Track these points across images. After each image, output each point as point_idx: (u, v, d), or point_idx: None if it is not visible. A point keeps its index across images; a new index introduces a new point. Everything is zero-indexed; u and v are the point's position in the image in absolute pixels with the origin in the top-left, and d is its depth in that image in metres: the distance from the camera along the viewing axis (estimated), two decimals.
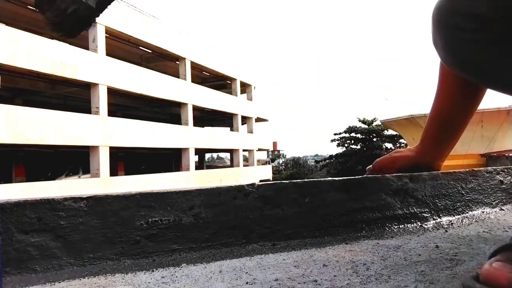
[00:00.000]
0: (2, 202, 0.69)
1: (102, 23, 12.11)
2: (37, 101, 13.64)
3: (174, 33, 15.90)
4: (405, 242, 0.83)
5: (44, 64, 10.18)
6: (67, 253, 0.72)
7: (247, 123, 22.84)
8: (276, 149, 43.91)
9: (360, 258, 0.73)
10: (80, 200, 0.74)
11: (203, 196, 0.81)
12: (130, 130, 12.99)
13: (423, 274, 0.62)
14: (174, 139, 15.35)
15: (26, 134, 9.63)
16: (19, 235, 0.69)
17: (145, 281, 0.66)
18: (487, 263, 0.49)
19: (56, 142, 10.56)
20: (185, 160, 16.32)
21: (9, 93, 13.26)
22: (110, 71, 12.36)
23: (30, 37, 9.93)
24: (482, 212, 1.05)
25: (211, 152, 32.63)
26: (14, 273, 0.68)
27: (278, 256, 0.77)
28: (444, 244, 0.80)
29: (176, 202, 0.79)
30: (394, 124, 19.37)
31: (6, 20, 10.85)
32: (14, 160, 14.45)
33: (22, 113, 9.67)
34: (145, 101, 16.82)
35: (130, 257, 0.75)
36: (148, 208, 0.78)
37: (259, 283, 0.63)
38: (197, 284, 0.64)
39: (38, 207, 0.71)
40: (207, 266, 0.73)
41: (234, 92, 20.98)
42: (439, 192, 1.00)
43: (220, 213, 0.82)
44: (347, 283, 0.60)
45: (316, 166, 34.90)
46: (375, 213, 0.91)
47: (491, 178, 1.11)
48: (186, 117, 16.41)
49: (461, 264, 0.67)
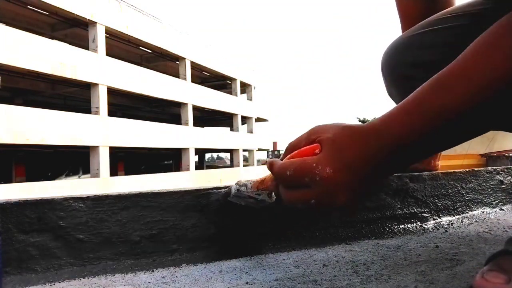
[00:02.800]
0: (2, 202, 0.69)
1: (102, 23, 12.11)
2: (37, 101, 13.64)
3: (174, 33, 15.90)
4: (405, 242, 0.83)
5: (44, 64, 10.18)
6: (67, 253, 0.72)
7: (247, 123, 22.84)
8: (276, 149, 43.92)
9: (360, 258, 0.73)
10: (80, 200, 0.74)
11: (203, 196, 0.81)
12: (130, 130, 12.98)
13: (423, 274, 0.62)
14: (174, 139, 15.35)
15: (26, 134, 9.63)
16: (19, 235, 0.69)
17: (145, 281, 0.66)
18: (479, 273, 0.48)
19: (56, 142, 10.56)
20: (185, 160, 16.32)
21: (9, 93, 13.25)
22: (110, 71, 12.36)
23: (30, 37, 9.92)
24: (482, 212, 1.05)
25: (211, 152, 32.64)
26: (14, 273, 0.68)
27: (278, 256, 0.77)
28: (444, 244, 0.80)
29: (176, 202, 0.79)
30: None
31: (6, 20, 10.86)
32: (14, 160, 14.45)
33: (22, 113, 9.67)
34: (145, 101, 16.82)
35: (130, 257, 0.75)
36: (148, 208, 0.78)
37: (259, 283, 0.63)
38: (197, 284, 0.64)
39: (38, 207, 0.71)
40: (207, 266, 0.73)
41: (234, 92, 20.98)
42: (439, 192, 1.00)
43: (220, 213, 0.82)
44: (347, 283, 0.60)
45: None
46: (375, 213, 0.91)
47: (491, 178, 1.11)
48: (186, 117, 16.41)
49: (461, 264, 0.67)
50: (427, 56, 0.69)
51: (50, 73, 10.51)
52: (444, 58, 0.66)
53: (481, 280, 0.47)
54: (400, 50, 0.74)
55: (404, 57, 0.73)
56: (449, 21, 0.68)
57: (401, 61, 0.74)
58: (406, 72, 0.72)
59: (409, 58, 0.72)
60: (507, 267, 0.48)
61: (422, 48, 0.70)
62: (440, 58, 0.67)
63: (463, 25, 0.66)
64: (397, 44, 0.76)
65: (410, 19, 0.81)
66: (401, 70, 0.73)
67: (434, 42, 0.68)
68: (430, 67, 0.68)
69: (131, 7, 13.81)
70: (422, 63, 0.69)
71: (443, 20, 0.69)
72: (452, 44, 0.66)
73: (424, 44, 0.70)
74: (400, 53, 0.74)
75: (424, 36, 0.70)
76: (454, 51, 0.66)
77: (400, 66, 0.74)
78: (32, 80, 12.39)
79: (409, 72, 0.72)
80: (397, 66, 0.74)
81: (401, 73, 0.74)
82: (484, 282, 0.47)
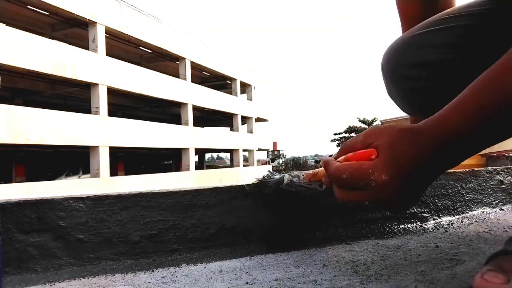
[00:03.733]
0: (2, 202, 0.69)
1: (102, 23, 12.12)
2: (37, 101, 13.64)
3: (174, 33, 15.90)
4: (405, 242, 0.83)
5: (44, 64, 10.18)
6: (67, 253, 0.72)
7: (247, 123, 22.84)
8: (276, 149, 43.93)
9: (360, 258, 0.73)
10: (80, 200, 0.74)
11: (203, 196, 0.81)
12: (130, 130, 12.98)
13: (423, 274, 0.62)
14: (174, 139, 15.35)
15: (26, 134, 9.63)
16: (19, 235, 0.69)
17: (145, 281, 0.66)
18: (478, 273, 0.48)
19: (56, 142, 10.56)
20: (185, 160, 16.32)
21: (9, 93, 13.25)
22: (110, 71, 12.36)
23: (30, 37, 9.92)
24: (482, 212, 1.05)
25: (211, 152, 32.63)
26: (14, 273, 0.68)
27: (278, 256, 0.77)
28: (444, 244, 0.80)
29: (176, 202, 0.79)
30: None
31: (6, 20, 10.86)
32: (14, 160, 14.45)
33: (22, 113, 9.67)
34: (145, 101, 16.82)
35: (130, 257, 0.75)
36: (148, 208, 0.78)
37: (259, 283, 0.63)
38: (197, 284, 0.64)
39: (38, 207, 0.71)
40: (207, 266, 0.73)
41: (234, 92, 20.97)
42: (439, 192, 1.00)
43: (220, 213, 0.82)
44: (347, 283, 0.60)
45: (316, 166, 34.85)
46: (375, 213, 0.91)
47: (491, 178, 1.11)
48: (186, 117, 16.41)
49: (461, 264, 0.67)
50: (427, 56, 0.69)
51: (50, 73, 10.51)
52: (445, 58, 0.67)
53: (480, 280, 0.47)
54: (400, 50, 0.75)
55: (404, 57, 0.73)
56: (449, 22, 0.68)
57: (401, 61, 0.74)
58: (406, 72, 0.72)
59: (409, 58, 0.72)
60: (507, 267, 0.48)
61: (423, 48, 0.70)
62: (441, 58, 0.67)
63: (464, 25, 0.66)
64: (397, 44, 0.76)
65: (411, 20, 0.82)
66: (401, 70, 0.73)
67: (435, 42, 0.68)
68: (430, 67, 0.69)
69: (131, 7, 13.81)
70: (423, 63, 0.69)
71: (444, 20, 0.69)
72: (453, 44, 0.66)
73: (425, 44, 0.70)
74: (400, 53, 0.74)
75: (425, 36, 0.70)
76: (455, 51, 0.66)
77: (401, 66, 0.74)
78: (32, 80, 12.39)
79: (409, 72, 0.72)
80: (398, 66, 0.74)
81: (401, 73, 0.74)
82: (483, 282, 0.46)
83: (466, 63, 0.65)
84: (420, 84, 0.70)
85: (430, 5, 0.81)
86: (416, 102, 0.75)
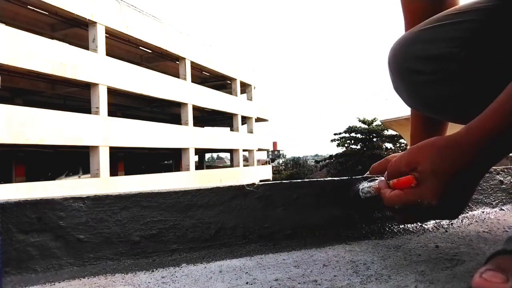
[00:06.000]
0: (2, 202, 0.69)
1: (102, 23, 12.12)
2: (37, 101, 13.64)
3: (174, 33, 15.91)
4: (405, 242, 0.83)
5: (44, 64, 10.18)
6: (67, 253, 0.72)
7: (247, 123, 22.85)
8: (276, 149, 43.93)
9: (360, 258, 0.73)
10: (80, 200, 0.74)
11: (203, 196, 0.81)
12: (130, 130, 12.99)
13: (423, 274, 0.62)
14: (174, 139, 15.36)
15: (26, 134, 9.63)
16: (19, 235, 0.69)
17: (145, 281, 0.66)
18: (477, 272, 0.48)
19: (56, 142, 10.56)
20: (185, 160, 16.32)
21: (9, 93, 13.26)
22: (110, 71, 12.36)
23: (30, 37, 9.93)
24: (482, 212, 1.05)
25: (211, 152, 32.64)
26: (14, 273, 0.68)
27: (278, 256, 0.77)
28: (444, 244, 0.80)
29: (176, 202, 0.79)
30: (394, 124, 19.32)
31: (6, 20, 10.86)
32: (14, 160, 14.45)
33: (22, 113, 9.67)
34: (145, 101, 16.82)
35: (130, 257, 0.75)
36: (148, 208, 0.78)
37: (259, 283, 0.63)
38: (197, 284, 0.64)
39: (38, 207, 0.71)
40: (207, 266, 0.73)
41: (234, 92, 20.98)
42: None
43: (220, 213, 0.82)
44: (347, 283, 0.60)
45: (316, 166, 34.87)
46: (375, 213, 0.91)
47: (491, 178, 1.11)
48: (186, 117, 16.42)
49: (461, 264, 0.67)
50: (435, 49, 0.69)
51: (50, 73, 10.51)
52: (452, 52, 0.67)
53: (479, 280, 0.47)
54: (408, 44, 0.74)
55: (412, 51, 0.73)
56: (458, 17, 0.68)
57: (409, 54, 0.73)
58: (414, 66, 0.72)
59: (417, 51, 0.72)
60: (506, 266, 0.47)
61: (431, 42, 0.70)
62: (448, 52, 0.67)
63: (472, 20, 0.66)
64: (405, 38, 0.76)
65: (415, 17, 0.81)
66: (409, 63, 0.73)
67: (443, 36, 0.68)
68: (437, 61, 0.68)
69: (131, 7, 13.81)
70: (430, 57, 0.69)
71: (451, 16, 0.69)
72: (461, 38, 0.66)
73: (433, 38, 0.70)
74: (408, 47, 0.74)
75: (433, 30, 0.70)
76: (463, 45, 0.66)
77: (408, 59, 0.73)
78: (32, 80, 12.40)
79: (417, 65, 0.71)
80: (405, 59, 0.74)
81: (408, 66, 0.73)
82: (482, 281, 0.46)
83: (473, 57, 0.65)
84: (427, 77, 0.70)
85: (436, 3, 0.81)
86: (422, 95, 0.75)
